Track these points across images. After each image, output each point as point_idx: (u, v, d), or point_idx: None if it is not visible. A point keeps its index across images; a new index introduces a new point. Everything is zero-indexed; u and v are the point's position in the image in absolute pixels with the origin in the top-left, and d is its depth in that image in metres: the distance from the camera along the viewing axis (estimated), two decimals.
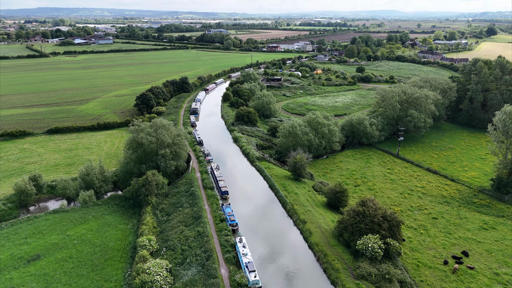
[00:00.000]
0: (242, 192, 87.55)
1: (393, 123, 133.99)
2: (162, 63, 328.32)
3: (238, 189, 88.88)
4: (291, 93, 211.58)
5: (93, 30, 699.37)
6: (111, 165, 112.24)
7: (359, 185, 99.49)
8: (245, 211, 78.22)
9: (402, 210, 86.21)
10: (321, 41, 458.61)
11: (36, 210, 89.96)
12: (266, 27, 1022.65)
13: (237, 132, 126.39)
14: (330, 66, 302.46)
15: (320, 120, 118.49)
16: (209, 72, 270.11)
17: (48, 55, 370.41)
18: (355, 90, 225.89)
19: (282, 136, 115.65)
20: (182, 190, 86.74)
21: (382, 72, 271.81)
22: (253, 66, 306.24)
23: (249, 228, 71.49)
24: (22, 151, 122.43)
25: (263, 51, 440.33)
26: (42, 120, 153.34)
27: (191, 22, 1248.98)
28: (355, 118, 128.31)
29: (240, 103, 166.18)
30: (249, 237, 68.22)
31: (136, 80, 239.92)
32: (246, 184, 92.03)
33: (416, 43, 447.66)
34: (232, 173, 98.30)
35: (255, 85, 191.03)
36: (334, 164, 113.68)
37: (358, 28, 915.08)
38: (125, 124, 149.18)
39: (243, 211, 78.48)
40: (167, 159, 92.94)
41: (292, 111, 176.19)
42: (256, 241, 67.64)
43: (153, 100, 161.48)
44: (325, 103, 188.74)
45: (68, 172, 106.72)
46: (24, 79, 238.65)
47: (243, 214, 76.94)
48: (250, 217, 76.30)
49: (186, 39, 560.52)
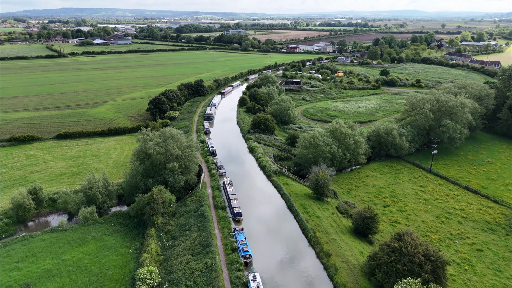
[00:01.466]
0: (257, 213, 78.32)
1: (424, 134, 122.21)
2: (179, 64, 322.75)
3: (252, 209, 79.73)
4: (311, 97, 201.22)
5: (113, 30, 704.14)
6: (118, 175, 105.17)
7: (389, 205, 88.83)
8: (260, 238, 68.97)
9: (440, 239, 75.23)
10: (342, 42, 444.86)
11: (35, 226, 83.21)
12: (285, 27, 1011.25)
13: (253, 142, 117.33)
14: (352, 68, 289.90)
15: (344, 130, 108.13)
16: (226, 74, 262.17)
17: (66, 55, 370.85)
18: (379, 94, 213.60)
19: (302, 147, 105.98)
20: (191, 209, 78.23)
21: (407, 75, 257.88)
22: (271, 68, 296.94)
23: (265, 261, 62.15)
24: (28, 158, 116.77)
25: (282, 52, 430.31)
26: (53, 124, 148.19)
27: (210, 22, 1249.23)
28: (383, 128, 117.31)
29: (257, 108, 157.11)
30: (264, 272, 58.95)
31: (152, 82, 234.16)
32: (262, 203, 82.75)
33: (443, 44, 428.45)
34: (246, 189, 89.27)
35: (273, 89, 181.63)
36: (359, 179, 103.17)
37: (379, 29, 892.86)
38: (136, 130, 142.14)
39: (258, 237, 69.25)
40: (175, 173, 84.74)
41: (312, 117, 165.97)
42: (273, 278, 58.27)
43: (166, 104, 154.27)
44: (348, 108, 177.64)
45: (73, 183, 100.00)
46: (40, 80, 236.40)
47: (257, 242, 67.72)
48: (266, 246, 66.96)
49: (204, 40, 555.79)
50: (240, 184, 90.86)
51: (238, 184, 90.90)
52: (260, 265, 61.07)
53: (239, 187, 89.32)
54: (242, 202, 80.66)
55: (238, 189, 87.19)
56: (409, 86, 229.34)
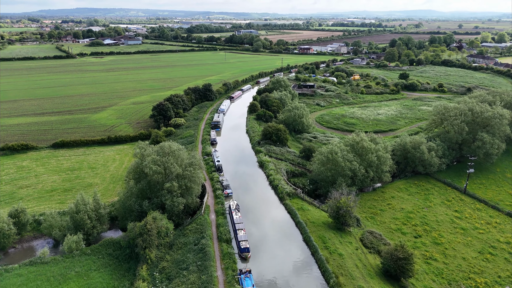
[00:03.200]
0: (268, 248, 66.78)
1: (455, 148, 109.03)
2: (188, 66, 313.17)
3: (262, 242, 68.29)
4: (326, 102, 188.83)
5: (124, 30, 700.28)
6: (114, 192, 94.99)
7: (421, 235, 76.42)
8: (271, 285, 57.36)
9: (487, 283, 62.70)
10: (357, 43, 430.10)
11: (17, 253, 73.26)
12: (297, 28, 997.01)
13: (263, 155, 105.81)
14: (369, 71, 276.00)
15: (367, 145, 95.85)
16: (236, 76, 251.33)
17: (74, 56, 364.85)
18: (399, 99, 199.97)
19: (318, 163, 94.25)
20: (191, 241, 67.16)
21: (428, 79, 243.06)
22: (283, 70, 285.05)
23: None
24: (19, 170, 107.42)
25: (294, 53, 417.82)
26: (51, 131, 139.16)
27: (221, 22, 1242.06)
28: (409, 141, 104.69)
29: (268, 115, 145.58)
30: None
31: (158, 85, 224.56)
32: (274, 234, 71.16)
33: (463, 45, 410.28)
34: (255, 215, 77.88)
35: (285, 94, 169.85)
36: (384, 200, 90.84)
37: (394, 29, 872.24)
38: (138, 138, 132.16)
39: (269, 283, 57.68)
40: (174, 195, 73.91)
41: (328, 124, 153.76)
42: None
43: (171, 111, 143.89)
44: (366, 115, 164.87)
45: (63, 201, 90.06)
46: (44, 82, 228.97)
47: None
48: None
49: (215, 40, 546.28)
50: (248, 209, 79.54)
51: (246, 208, 79.63)
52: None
53: (247, 212, 78.03)
54: (250, 233, 69.36)
55: (246, 215, 75.93)
56: (430, 91, 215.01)
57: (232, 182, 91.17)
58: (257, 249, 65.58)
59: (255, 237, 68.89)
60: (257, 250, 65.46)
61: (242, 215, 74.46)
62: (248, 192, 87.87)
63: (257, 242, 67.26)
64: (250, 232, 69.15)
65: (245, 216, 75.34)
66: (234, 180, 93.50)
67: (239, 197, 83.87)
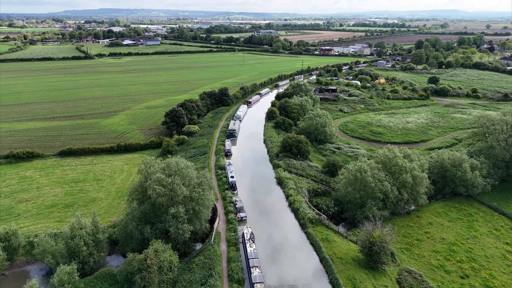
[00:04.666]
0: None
1: (501, 166, 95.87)
2: (205, 68, 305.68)
3: (281, 283, 57.98)
4: (350, 108, 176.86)
5: (144, 30, 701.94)
6: (118, 209, 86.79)
7: (468, 275, 64.61)
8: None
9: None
10: (381, 43, 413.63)
11: (7, 281, 65.62)
12: (318, 28, 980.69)
13: (282, 170, 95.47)
14: (395, 74, 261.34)
15: (401, 162, 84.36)
16: (254, 79, 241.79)
17: (93, 56, 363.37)
18: (429, 106, 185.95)
19: (345, 182, 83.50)
20: (197, 279, 57.63)
21: (460, 83, 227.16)
22: (303, 73, 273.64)
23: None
24: (21, 181, 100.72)
25: (315, 55, 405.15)
26: (59, 137, 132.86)
27: (241, 22, 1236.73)
28: (448, 158, 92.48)
29: (288, 123, 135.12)
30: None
31: (174, 87, 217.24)
32: (294, 273, 60.71)
33: (494, 47, 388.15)
34: (273, 246, 67.65)
35: (306, 100, 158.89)
36: (420, 227, 79.16)
37: (418, 29, 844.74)
38: (149, 147, 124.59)
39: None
40: (180, 221, 64.64)
41: (352, 133, 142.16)
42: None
43: (185, 117, 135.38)
44: (394, 123, 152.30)
45: (62, 219, 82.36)
46: (59, 84, 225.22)
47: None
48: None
49: (234, 41, 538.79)
50: (264, 238, 69.47)
51: (262, 236, 69.61)
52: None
53: (264, 241, 67.99)
54: (267, 271, 59.21)
55: (262, 246, 65.93)
56: (463, 97, 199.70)
57: (246, 202, 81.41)
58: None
59: (272, 276, 58.78)
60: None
61: (257, 246, 64.48)
62: (264, 216, 77.74)
63: (274, 283, 57.11)
64: (266, 270, 59.09)
65: (261, 247, 65.36)
66: (249, 199, 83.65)
67: (254, 223, 73.88)
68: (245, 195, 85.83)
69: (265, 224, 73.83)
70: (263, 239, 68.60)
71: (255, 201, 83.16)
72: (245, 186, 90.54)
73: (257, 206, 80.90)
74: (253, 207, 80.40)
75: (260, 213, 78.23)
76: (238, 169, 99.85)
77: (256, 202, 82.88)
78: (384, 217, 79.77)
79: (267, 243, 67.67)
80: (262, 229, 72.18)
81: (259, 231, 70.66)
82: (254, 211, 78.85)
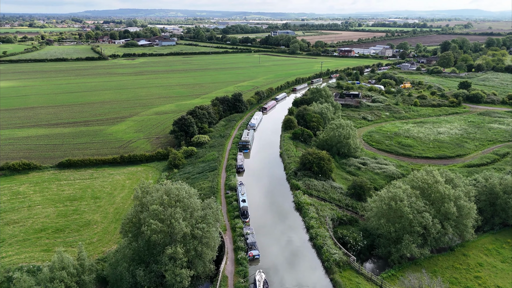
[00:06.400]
0: None
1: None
2: (219, 70, 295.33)
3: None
4: (374, 115, 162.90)
5: (160, 31, 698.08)
6: (114, 235, 76.34)
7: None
8: None
9: None
10: (403, 45, 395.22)
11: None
12: (336, 28, 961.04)
13: (301, 194, 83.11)
14: (420, 77, 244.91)
15: (443, 189, 70.99)
16: (270, 82, 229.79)
17: (106, 57, 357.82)
18: (461, 114, 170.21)
19: (376, 212, 70.82)
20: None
21: (493, 89, 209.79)
22: (322, 76, 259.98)
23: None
24: (13, 198, 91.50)
25: (334, 56, 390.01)
26: (60, 146, 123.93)
27: (257, 22, 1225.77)
28: (499, 183, 78.53)
29: (307, 134, 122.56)
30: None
31: (186, 91, 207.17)
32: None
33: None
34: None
35: (327, 107, 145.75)
36: (468, 270, 65.61)
37: (441, 29, 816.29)
38: (155, 158, 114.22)
39: None
40: (177, 264, 53.29)
41: (378, 146, 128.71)
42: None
43: (195, 126, 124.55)
44: (424, 134, 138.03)
45: (49, 249, 72.18)
46: (68, 87, 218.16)
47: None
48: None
49: (250, 41, 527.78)
50: (280, 285, 57.22)
51: (276, 282, 57.43)
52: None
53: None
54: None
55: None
56: (498, 104, 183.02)
57: (260, 233, 69.49)
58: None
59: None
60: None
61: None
62: (281, 253, 65.51)
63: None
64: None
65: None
66: (263, 230, 71.68)
67: (269, 264, 61.79)
68: (258, 223, 73.91)
69: (281, 267, 61.61)
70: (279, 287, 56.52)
71: (270, 233, 71.04)
72: (258, 212, 78.58)
73: (272, 240, 68.77)
74: (268, 241, 68.33)
75: (276, 250, 66.07)
76: (251, 190, 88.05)
77: (271, 234, 70.73)
78: (424, 255, 66.87)
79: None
80: (278, 273, 60.07)
81: (273, 276, 58.60)
82: (269, 246, 66.77)
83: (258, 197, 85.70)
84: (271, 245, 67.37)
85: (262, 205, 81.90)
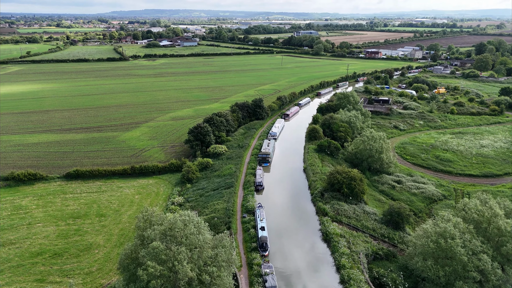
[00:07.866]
0: None
1: None
2: (240, 72, 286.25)
3: None
4: (407, 124, 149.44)
5: (183, 31, 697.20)
6: (117, 261, 67.23)
7: None
8: None
9: None
10: (434, 46, 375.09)
11: None
12: (361, 28, 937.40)
13: (330, 221, 71.99)
14: (455, 82, 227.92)
15: (504, 226, 58.62)
16: (292, 85, 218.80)
17: (128, 58, 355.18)
18: (504, 123, 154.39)
19: (421, 250, 59.15)
20: None
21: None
22: (348, 79, 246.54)
23: None
24: (13, 213, 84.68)
25: (360, 58, 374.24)
26: (71, 154, 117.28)
27: (280, 23, 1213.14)
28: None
29: (334, 147, 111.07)
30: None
31: (205, 95, 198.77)
32: None
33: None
34: None
35: (355, 115, 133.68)
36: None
37: (473, 30, 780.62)
38: (167, 170, 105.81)
39: None
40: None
41: (413, 160, 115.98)
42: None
43: (211, 135, 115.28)
44: (465, 147, 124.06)
45: (43, 279, 64.26)
46: (86, 88, 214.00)
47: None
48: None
49: (272, 42, 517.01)
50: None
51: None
52: None
53: None
54: None
55: None
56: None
57: (281, 272, 58.95)
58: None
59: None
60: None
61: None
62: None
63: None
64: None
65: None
66: (285, 267, 61.13)
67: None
68: (279, 258, 63.47)
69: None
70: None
71: (294, 272, 60.33)
72: (279, 243, 68.06)
73: (296, 283, 58.02)
74: (291, 283, 57.66)
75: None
76: (271, 213, 77.73)
77: (295, 274, 59.98)
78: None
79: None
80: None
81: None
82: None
83: (279, 222, 75.22)
84: (293, 285, 56.79)
85: (284, 233, 71.30)
